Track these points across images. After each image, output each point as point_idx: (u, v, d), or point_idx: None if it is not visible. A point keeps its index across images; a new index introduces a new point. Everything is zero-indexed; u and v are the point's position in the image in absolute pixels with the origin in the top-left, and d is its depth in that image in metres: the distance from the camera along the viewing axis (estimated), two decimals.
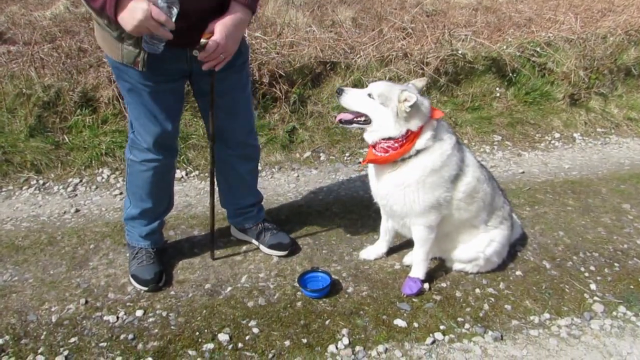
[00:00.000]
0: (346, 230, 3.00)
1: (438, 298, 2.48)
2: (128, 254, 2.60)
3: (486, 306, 2.44)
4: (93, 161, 3.57)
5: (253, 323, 2.29)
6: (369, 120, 2.28)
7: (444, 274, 2.65)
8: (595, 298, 2.52)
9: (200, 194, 3.42)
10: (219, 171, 2.65)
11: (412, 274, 2.54)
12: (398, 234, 2.69)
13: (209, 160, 2.47)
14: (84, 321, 2.27)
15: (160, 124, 2.25)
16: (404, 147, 2.23)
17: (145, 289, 2.44)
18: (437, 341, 2.24)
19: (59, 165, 3.53)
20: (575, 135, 4.43)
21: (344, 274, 2.63)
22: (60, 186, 3.42)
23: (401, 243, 2.82)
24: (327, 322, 2.31)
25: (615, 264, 2.77)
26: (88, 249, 2.77)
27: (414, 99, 2.15)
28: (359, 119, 2.31)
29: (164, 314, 2.32)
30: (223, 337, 2.20)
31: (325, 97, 4.18)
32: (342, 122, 2.36)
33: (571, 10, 5.50)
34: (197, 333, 2.22)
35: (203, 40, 1.96)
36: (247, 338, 2.21)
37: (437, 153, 2.26)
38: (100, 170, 3.55)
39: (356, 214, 3.18)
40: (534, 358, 2.18)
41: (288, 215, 3.16)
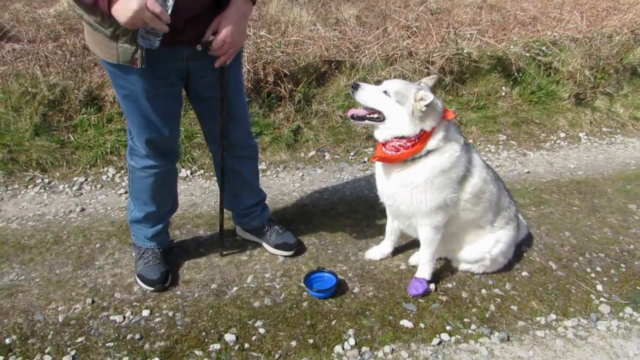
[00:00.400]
0: (352, 230, 3.00)
1: (444, 298, 2.47)
2: (134, 254, 2.61)
3: (492, 307, 2.44)
4: (98, 160, 3.57)
5: (259, 323, 2.29)
6: (382, 118, 2.27)
7: (450, 274, 2.65)
8: (602, 299, 2.51)
9: (205, 193, 3.42)
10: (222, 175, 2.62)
11: (418, 274, 2.53)
12: (403, 234, 2.68)
13: (220, 156, 2.47)
14: (91, 321, 2.27)
15: (158, 130, 2.22)
16: (416, 147, 2.22)
17: (152, 289, 2.44)
18: (444, 342, 2.24)
19: (64, 164, 3.53)
20: (580, 134, 4.42)
21: (350, 274, 2.63)
22: (66, 185, 3.42)
23: (407, 243, 2.82)
24: (334, 323, 2.31)
25: (622, 265, 2.76)
26: (94, 248, 2.78)
27: (431, 98, 2.14)
28: (372, 115, 2.30)
29: (171, 313, 2.33)
30: (229, 338, 2.20)
31: (330, 96, 4.17)
32: (354, 118, 2.35)
33: (576, 8, 5.47)
34: (204, 333, 2.23)
35: (209, 37, 1.96)
36: (254, 338, 2.21)
37: (447, 154, 2.25)
38: (105, 169, 3.55)
39: (361, 214, 3.17)
40: (540, 359, 2.18)
41: (293, 214, 3.15)
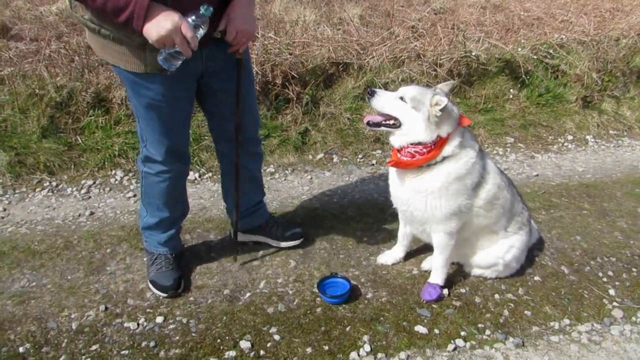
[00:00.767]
0: (363, 234, 2.99)
1: (458, 304, 2.47)
2: (146, 260, 2.59)
3: (506, 312, 2.44)
4: (106, 162, 3.55)
5: (274, 330, 2.28)
6: (398, 124, 2.26)
7: (463, 279, 2.64)
8: (615, 303, 2.52)
9: (214, 196, 3.40)
10: (228, 174, 2.61)
11: (432, 279, 2.53)
12: (416, 238, 2.68)
13: (236, 153, 2.46)
14: (105, 328, 2.26)
15: (176, 135, 2.25)
16: (432, 153, 2.21)
17: (165, 295, 2.43)
18: (459, 348, 2.24)
19: (72, 166, 3.51)
20: (587, 137, 4.41)
21: (363, 279, 2.62)
22: (74, 188, 3.40)
23: (418, 247, 2.81)
24: (348, 329, 2.30)
25: (633, 269, 2.76)
26: (105, 253, 2.76)
27: (445, 102, 2.13)
28: (387, 122, 2.29)
29: (184, 320, 2.31)
30: (245, 345, 2.19)
31: (337, 98, 4.16)
32: (370, 125, 2.34)
33: (579, 9, 5.47)
34: (219, 340, 2.22)
35: (223, 26, 1.99)
36: (269, 345, 2.20)
37: (463, 161, 2.25)
38: (113, 171, 3.53)
39: (372, 218, 3.17)
40: None
41: (304, 218, 3.14)
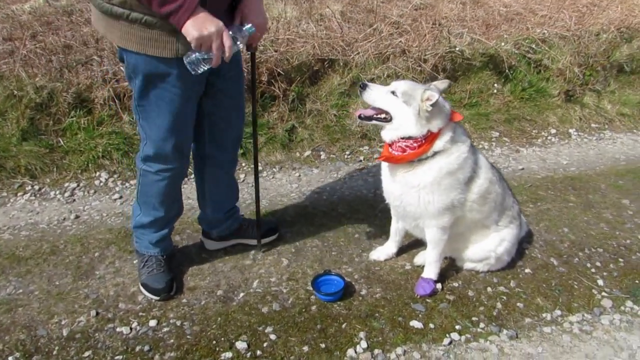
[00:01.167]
0: (354, 231, 2.99)
1: (451, 298, 2.48)
2: (137, 262, 2.54)
3: (499, 305, 2.46)
4: (90, 164, 3.47)
5: (269, 329, 2.26)
6: (389, 118, 2.26)
7: (455, 273, 2.66)
8: (604, 293, 2.56)
9: None
10: (208, 180, 2.56)
11: (425, 274, 2.54)
12: (408, 234, 2.68)
13: (254, 151, 2.53)
14: (97, 334, 2.21)
15: (183, 132, 2.20)
16: (423, 148, 2.22)
17: (157, 298, 2.39)
18: (454, 341, 2.25)
19: (55, 169, 3.42)
20: (570, 130, 4.49)
21: (356, 276, 2.61)
22: (57, 191, 3.32)
23: (410, 243, 2.82)
24: (344, 326, 2.29)
25: (620, 260, 2.81)
26: (93, 257, 2.70)
27: (436, 97, 2.14)
28: (379, 115, 2.29)
29: (178, 323, 2.28)
30: (241, 345, 2.17)
31: (323, 95, 4.14)
32: (362, 118, 2.34)
33: (557, 4, 5.54)
34: (214, 342, 2.19)
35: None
36: (265, 345, 2.18)
37: (454, 156, 2.26)
38: (97, 173, 3.46)
39: (362, 214, 3.16)
40: (549, 355, 2.21)
41: (294, 216, 3.12)
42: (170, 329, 2.25)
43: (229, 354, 2.13)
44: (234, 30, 1.92)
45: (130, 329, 2.24)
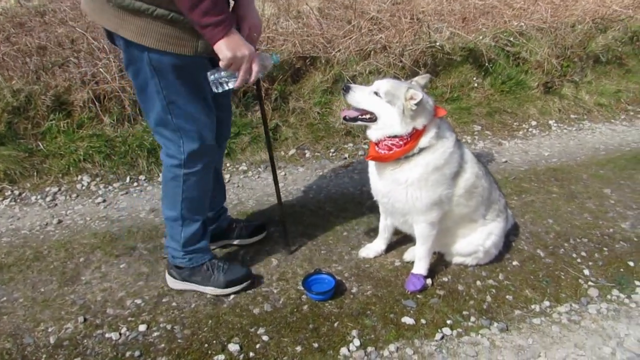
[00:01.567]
0: (342, 229, 2.98)
1: (441, 293, 2.50)
2: (199, 279, 2.39)
3: (489, 298, 2.48)
4: (71, 168, 3.40)
5: (262, 330, 2.25)
6: (374, 118, 2.26)
7: (444, 268, 2.68)
8: (590, 283, 2.60)
9: None
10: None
11: (415, 270, 2.55)
12: (397, 230, 2.69)
13: (269, 150, 2.56)
14: (85, 340, 2.17)
15: (211, 114, 2.16)
16: (408, 145, 2.22)
17: (248, 282, 2.45)
18: (446, 336, 2.26)
19: (35, 173, 3.34)
20: (550, 122, 4.55)
21: (346, 274, 2.61)
22: (38, 196, 3.24)
23: (399, 239, 2.83)
24: (336, 325, 2.29)
25: (604, 249, 2.87)
26: (78, 262, 2.64)
27: (420, 97, 2.14)
28: (364, 116, 2.28)
29: (169, 327, 2.24)
30: (233, 347, 2.15)
31: (306, 93, 4.13)
32: (347, 119, 2.33)
33: None
34: (206, 345, 2.16)
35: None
36: (258, 346, 2.17)
37: (440, 151, 2.27)
38: (79, 177, 3.39)
39: (350, 212, 3.16)
40: (539, 346, 2.23)
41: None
42: (160, 333, 2.21)
43: (221, 357, 2.10)
44: (262, 58, 1.98)
45: (120, 334, 2.20)
